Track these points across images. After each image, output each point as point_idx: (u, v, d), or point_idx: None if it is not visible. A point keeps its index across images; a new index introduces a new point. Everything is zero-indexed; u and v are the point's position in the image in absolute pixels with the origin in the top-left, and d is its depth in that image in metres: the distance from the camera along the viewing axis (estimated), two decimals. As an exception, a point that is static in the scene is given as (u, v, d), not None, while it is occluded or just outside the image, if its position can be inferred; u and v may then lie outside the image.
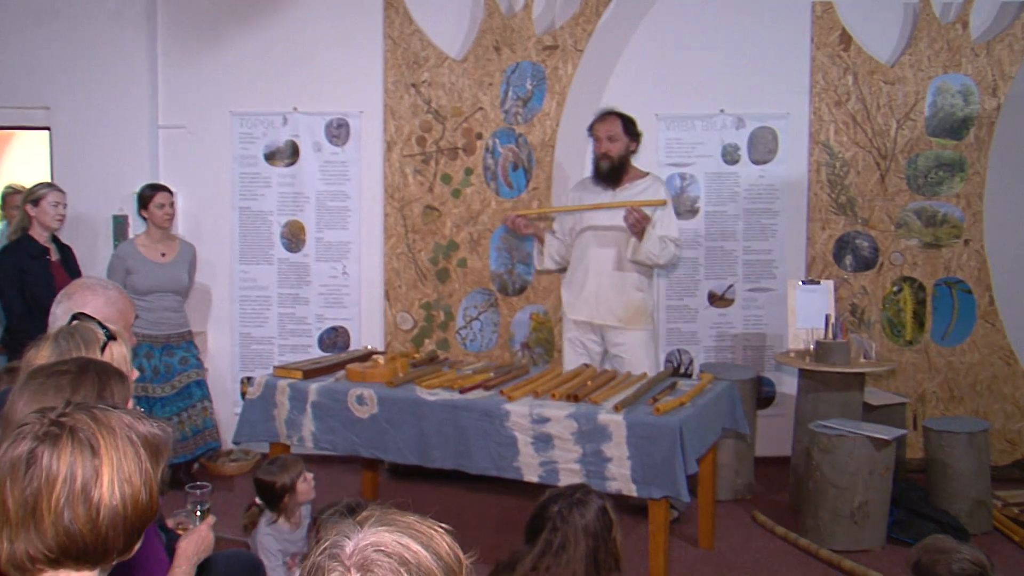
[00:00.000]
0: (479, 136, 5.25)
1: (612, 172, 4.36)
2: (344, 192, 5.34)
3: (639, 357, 4.33)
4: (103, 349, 1.93)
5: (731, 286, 5.33)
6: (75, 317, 2.04)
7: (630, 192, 4.38)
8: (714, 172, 5.30)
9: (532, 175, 5.25)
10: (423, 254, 5.29)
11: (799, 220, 5.26)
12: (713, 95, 5.24)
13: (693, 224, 5.29)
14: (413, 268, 5.29)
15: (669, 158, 5.31)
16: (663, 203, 4.26)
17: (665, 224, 4.28)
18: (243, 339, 5.38)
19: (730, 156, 5.30)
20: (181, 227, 5.26)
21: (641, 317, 4.37)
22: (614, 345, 4.38)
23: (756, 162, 5.29)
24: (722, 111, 5.27)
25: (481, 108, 5.25)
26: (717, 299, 5.34)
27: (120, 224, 5.26)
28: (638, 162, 4.53)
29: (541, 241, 4.56)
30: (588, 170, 4.55)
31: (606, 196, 4.39)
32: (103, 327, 1.98)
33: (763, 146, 5.28)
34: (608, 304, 4.35)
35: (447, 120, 5.25)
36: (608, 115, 4.40)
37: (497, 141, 5.26)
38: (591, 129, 4.42)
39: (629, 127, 4.38)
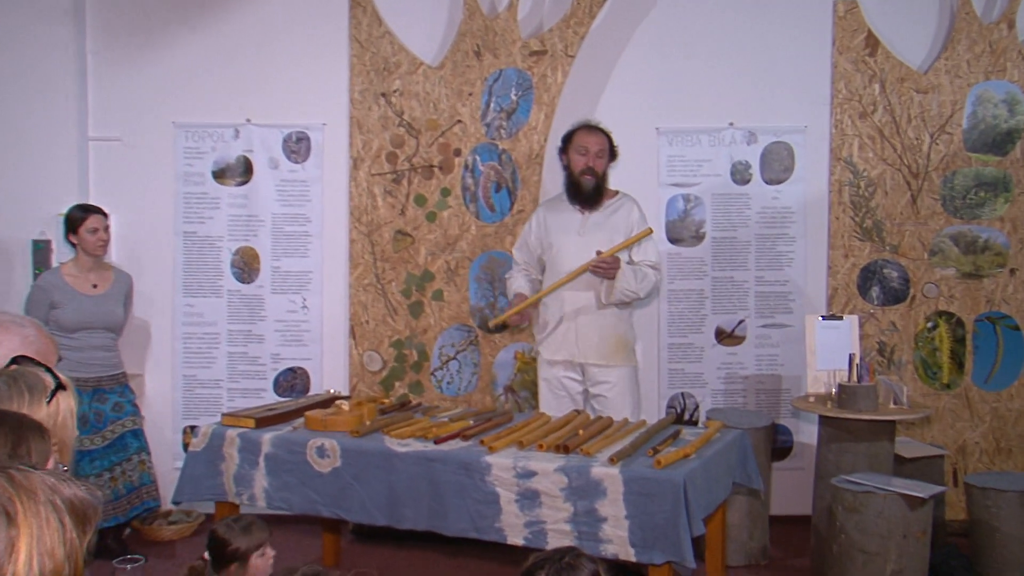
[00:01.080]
0: (457, 152, 5.31)
1: (596, 191, 4.48)
2: (304, 215, 5.38)
3: (624, 397, 4.45)
4: (50, 400, 1.85)
5: (741, 322, 5.37)
6: (15, 360, 1.97)
7: (604, 214, 4.51)
8: (722, 193, 5.35)
9: (517, 196, 5.32)
10: (394, 285, 5.32)
11: (819, 247, 5.31)
12: (721, 106, 5.29)
13: (698, 252, 5.37)
14: (382, 301, 5.33)
15: (671, 177, 5.37)
16: (649, 232, 4.42)
17: (642, 247, 4.43)
18: (187, 382, 5.39)
19: (740, 175, 5.36)
20: (116, 254, 5.26)
21: (623, 351, 4.51)
22: (596, 384, 4.50)
23: (769, 182, 5.36)
24: (731, 124, 5.33)
25: (460, 121, 5.31)
26: (726, 336, 5.38)
27: (41, 250, 5.21)
28: (635, 179, 4.68)
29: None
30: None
31: (579, 219, 4.52)
32: (52, 374, 1.91)
33: (777, 164, 5.35)
34: (587, 340, 4.47)
35: (421, 134, 5.30)
36: (596, 129, 4.53)
37: (478, 158, 5.32)
38: (569, 140, 4.54)
39: (612, 147, 4.57)
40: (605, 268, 4.27)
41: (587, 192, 4.46)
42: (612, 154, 4.54)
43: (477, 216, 5.34)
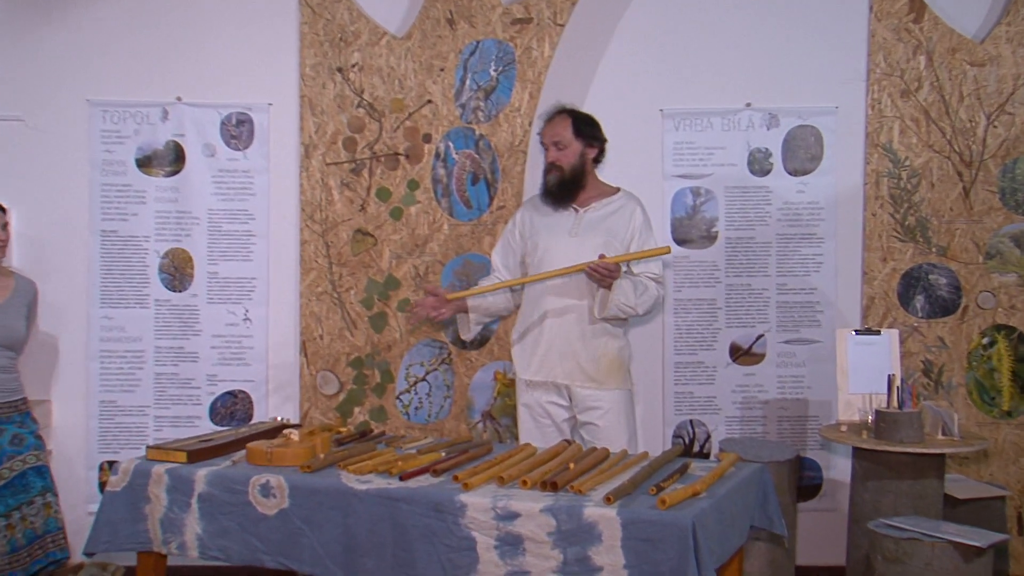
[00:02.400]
0: (427, 138, 5.32)
1: (563, 188, 4.48)
2: (246, 211, 5.38)
3: (618, 425, 4.46)
4: None
5: (760, 337, 5.40)
6: None
7: (601, 213, 4.50)
8: (738, 186, 5.37)
9: (497, 190, 5.34)
10: (352, 294, 5.32)
11: (852, 249, 5.32)
12: (737, 84, 5.30)
13: (710, 254, 5.38)
14: (339, 313, 5.34)
15: (678, 167, 5.39)
16: (666, 251, 4.41)
17: (641, 240, 4.46)
18: (104, 410, 5.35)
19: (759, 165, 5.37)
20: (16, 258, 5.23)
21: (618, 372, 4.51)
22: (586, 410, 4.50)
23: (793, 172, 5.37)
24: (748, 105, 5.34)
25: (430, 101, 5.32)
26: (742, 354, 5.41)
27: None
28: (635, 170, 4.67)
29: (465, 311, 4.67)
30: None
31: (571, 217, 4.49)
32: None
33: (803, 151, 5.35)
34: (575, 359, 4.47)
35: (384, 117, 5.31)
36: (556, 114, 4.54)
37: (451, 145, 5.34)
38: (542, 137, 4.57)
39: (584, 128, 4.50)
40: (603, 274, 4.26)
41: (552, 189, 4.48)
42: (590, 138, 4.49)
43: (450, 213, 5.35)
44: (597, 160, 4.56)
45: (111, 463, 5.10)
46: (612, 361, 4.49)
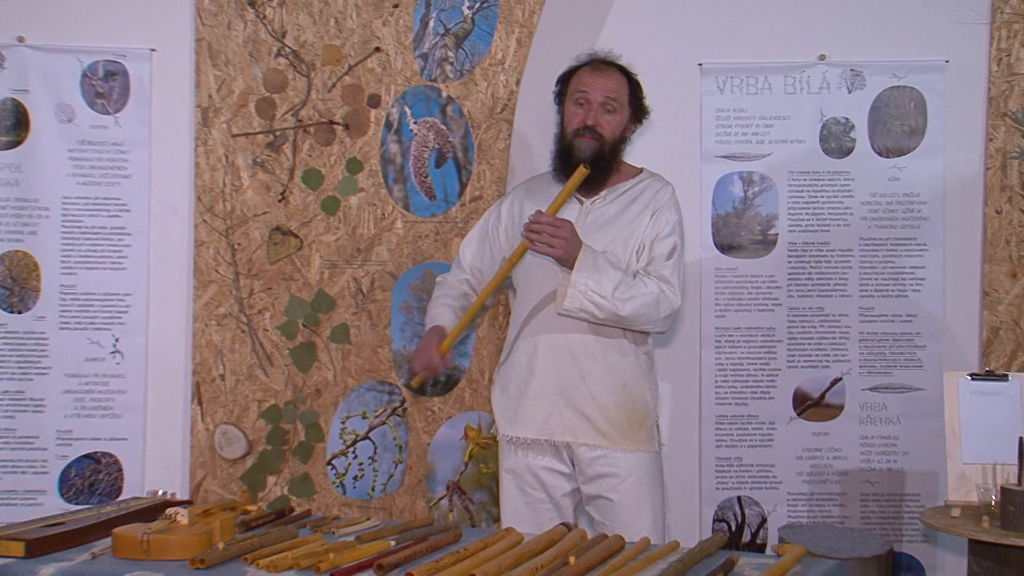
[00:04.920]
0: (374, 101, 5.33)
1: (599, 163, 4.37)
2: (117, 200, 5.37)
3: (640, 501, 4.38)
4: None
5: (838, 381, 5.40)
6: None
7: (617, 204, 4.46)
8: (806, 171, 5.39)
9: (471, 173, 5.37)
10: (268, 317, 5.32)
11: (967, 260, 5.34)
12: (805, 30, 5.35)
13: (766, 266, 5.40)
14: (248, 343, 5.33)
15: (721, 144, 5.41)
16: (584, 173, 4.24)
17: (655, 253, 4.36)
18: (-93, 476, 5.30)
19: (836, 141, 5.39)
20: None
21: (640, 426, 4.41)
22: (594, 479, 4.40)
23: (885, 152, 5.39)
24: (822, 58, 5.38)
25: (378, 49, 5.34)
26: (811, 405, 5.41)
27: None
28: (662, 148, 4.77)
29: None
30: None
31: (576, 210, 4.42)
32: None
33: (898, 122, 5.37)
34: (579, 407, 4.38)
35: (315, 70, 5.32)
36: (607, 65, 4.51)
37: (407, 111, 5.35)
38: (565, 81, 4.51)
39: (638, 95, 4.49)
40: (537, 234, 4.13)
41: (580, 162, 4.33)
42: (637, 110, 4.49)
43: (405, 205, 5.37)
44: (628, 137, 4.52)
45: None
46: (632, 409, 4.38)
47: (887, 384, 5.38)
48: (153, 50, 5.33)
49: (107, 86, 5.33)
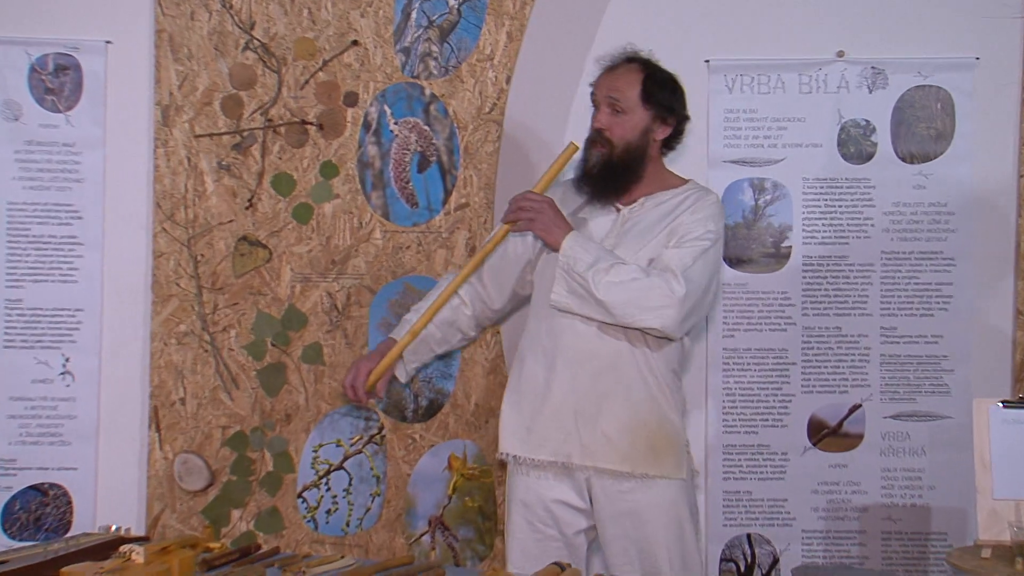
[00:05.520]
0: (351, 100, 5.22)
1: (607, 173, 4.34)
2: (69, 206, 5.25)
3: (670, 541, 4.26)
4: None
5: (857, 408, 5.26)
6: None
7: (655, 213, 4.35)
8: (823, 178, 5.30)
9: (456, 179, 5.25)
10: (233, 336, 5.21)
11: (998, 275, 5.24)
12: (822, 25, 5.26)
13: (778, 281, 5.30)
14: (212, 364, 5.22)
15: (730, 148, 5.31)
16: (573, 149, 4.33)
17: (683, 233, 4.25)
18: None
19: (856, 145, 5.28)
20: None
21: (669, 449, 4.31)
22: (618, 517, 4.29)
23: (909, 158, 5.27)
24: (841, 55, 5.26)
25: (356, 42, 5.24)
26: (828, 434, 5.28)
27: None
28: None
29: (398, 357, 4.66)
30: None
31: (598, 221, 4.39)
32: None
33: (924, 125, 5.27)
34: (605, 421, 4.27)
35: (286, 66, 5.23)
36: (622, 63, 4.45)
37: (387, 110, 5.24)
38: (594, 90, 4.47)
39: (657, 93, 4.37)
40: (514, 213, 4.22)
41: (592, 173, 4.34)
42: (664, 109, 4.36)
43: (385, 214, 5.25)
44: (669, 144, 4.45)
45: None
46: (660, 429, 4.28)
47: (911, 412, 5.26)
48: (109, 42, 5.24)
49: (58, 81, 5.24)
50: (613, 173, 4.32)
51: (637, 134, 4.31)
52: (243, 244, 5.19)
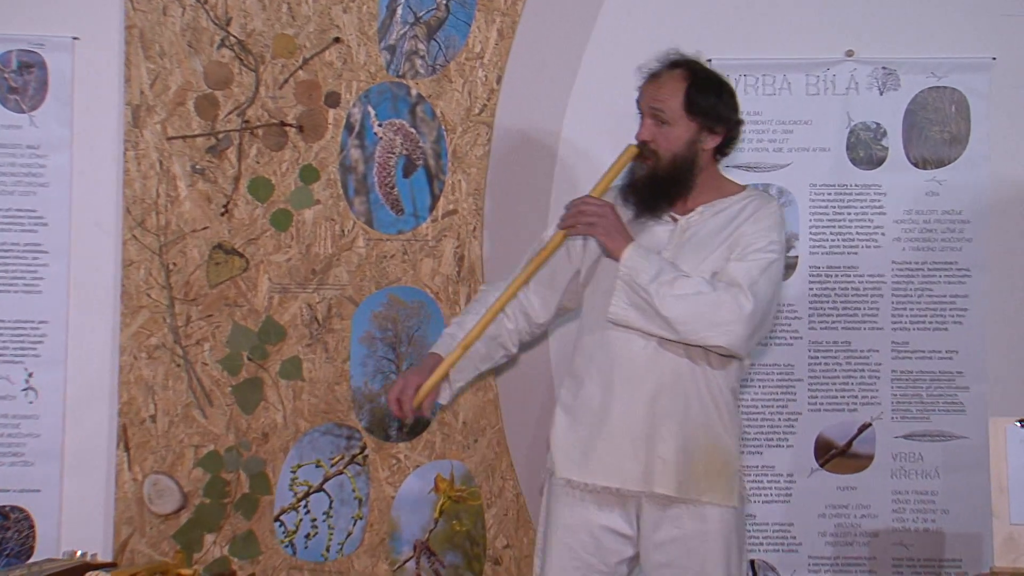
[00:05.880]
0: (333, 100, 5.17)
1: (653, 187, 4.24)
2: (32, 212, 5.18)
3: (715, 574, 4.20)
4: None
5: (867, 427, 5.20)
6: None
7: (714, 222, 4.27)
8: (831, 184, 5.27)
9: (444, 184, 5.19)
10: (207, 349, 5.14)
11: (1016, 287, 5.21)
12: (830, 23, 5.23)
13: (784, 293, 5.17)
14: (184, 380, 5.14)
15: (735, 154, 5.14)
16: (633, 152, 4.24)
17: (745, 244, 4.15)
18: None
19: (866, 150, 5.25)
20: None
21: (721, 474, 4.23)
22: (664, 544, 4.18)
23: (922, 163, 5.24)
24: (850, 55, 5.22)
25: (338, 40, 5.18)
26: (837, 454, 5.23)
27: None
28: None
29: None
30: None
31: (653, 232, 4.28)
32: None
33: (937, 128, 5.23)
34: (662, 445, 4.19)
35: (264, 64, 5.17)
36: (666, 68, 4.38)
37: (371, 111, 5.19)
38: (638, 99, 4.42)
39: (702, 100, 4.27)
40: (573, 217, 4.12)
41: (638, 186, 4.26)
42: (711, 118, 4.26)
43: (368, 221, 5.19)
44: (722, 151, 4.35)
45: None
46: (722, 456, 4.20)
47: (924, 431, 5.22)
48: (76, 39, 5.17)
49: (21, 80, 5.18)
50: (661, 186, 4.25)
51: (683, 146, 4.22)
52: (218, 252, 5.13)
